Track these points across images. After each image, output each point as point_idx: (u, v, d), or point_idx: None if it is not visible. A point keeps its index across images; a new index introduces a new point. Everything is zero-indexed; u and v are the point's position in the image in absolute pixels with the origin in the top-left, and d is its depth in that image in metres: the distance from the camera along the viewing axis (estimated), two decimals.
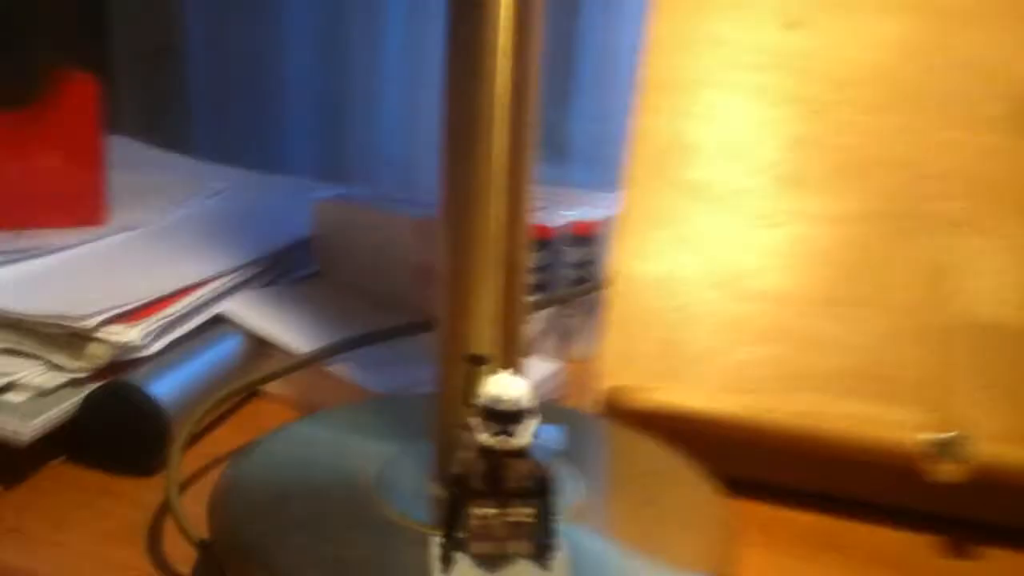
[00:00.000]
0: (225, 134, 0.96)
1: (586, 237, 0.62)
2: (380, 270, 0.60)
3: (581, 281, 0.62)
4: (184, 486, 0.44)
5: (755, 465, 0.47)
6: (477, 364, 0.33)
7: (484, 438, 0.30)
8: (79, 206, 0.63)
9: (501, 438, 0.30)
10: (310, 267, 0.64)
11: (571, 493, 0.38)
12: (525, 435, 0.31)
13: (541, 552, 0.32)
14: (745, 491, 0.46)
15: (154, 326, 0.48)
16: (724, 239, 0.51)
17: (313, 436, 0.42)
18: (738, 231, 0.51)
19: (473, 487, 0.31)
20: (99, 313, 0.46)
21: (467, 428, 0.31)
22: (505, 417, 0.30)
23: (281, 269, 0.62)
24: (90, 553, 0.40)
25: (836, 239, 0.51)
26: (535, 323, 0.61)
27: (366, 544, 0.34)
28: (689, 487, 0.40)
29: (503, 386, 0.30)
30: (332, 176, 0.94)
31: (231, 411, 0.52)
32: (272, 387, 0.54)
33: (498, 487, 0.31)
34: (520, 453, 0.31)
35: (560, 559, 0.32)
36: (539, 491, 0.31)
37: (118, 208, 0.64)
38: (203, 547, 0.37)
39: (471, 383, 0.32)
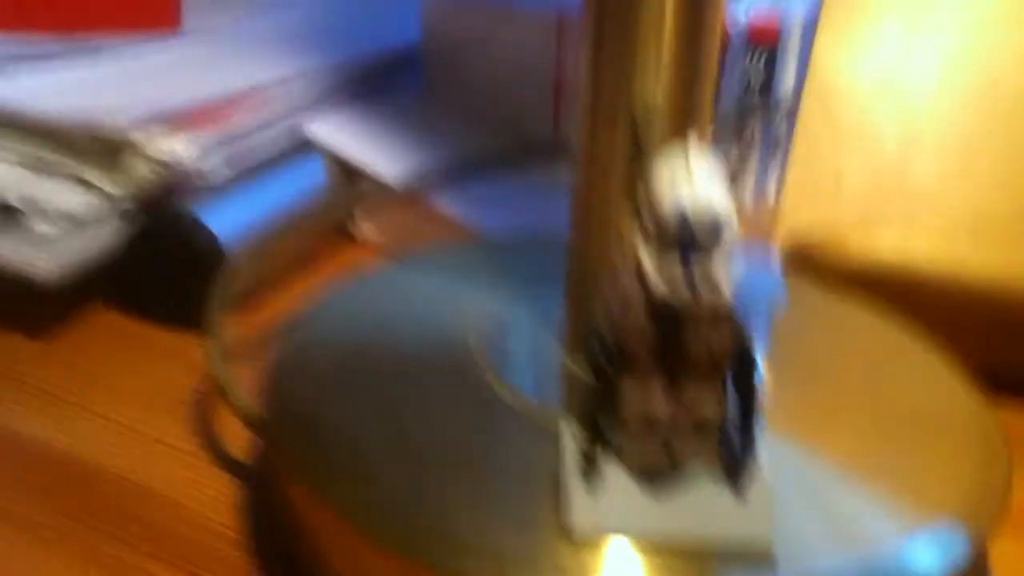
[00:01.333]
0: None
1: (767, 45, 0.48)
2: (505, 85, 0.48)
3: (757, 107, 0.49)
4: (244, 347, 0.34)
5: (1010, 350, 0.34)
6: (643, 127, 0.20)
7: (660, 285, 0.19)
8: (151, 7, 0.53)
9: (690, 288, 0.19)
10: (418, 83, 0.52)
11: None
12: (725, 287, 0.19)
13: (734, 468, 0.20)
14: (1007, 387, 0.33)
15: (214, 140, 0.38)
16: (982, 23, 0.36)
17: (403, 285, 0.31)
18: (1007, 12, 0.36)
19: (633, 361, 0.20)
20: (140, 117, 0.36)
21: (630, 252, 0.20)
22: (694, 245, 0.18)
23: (382, 83, 0.51)
24: (121, 423, 0.31)
25: None
26: None
27: (470, 436, 0.23)
28: (929, 380, 0.27)
29: (695, 189, 0.18)
30: None
31: (311, 258, 0.42)
32: (365, 228, 0.44)
33: (674, 365, 0.20)
34: (715, 314, 0.19)
35: (760, 485, 0.20)
36: (736, 375, 0.20)
37: (194, 12, 0.54)
38: (256, 428, 0.27)
39: (638, 158, 0.20)
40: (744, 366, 0.20)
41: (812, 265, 0.35)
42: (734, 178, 0.50)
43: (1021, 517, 0.28)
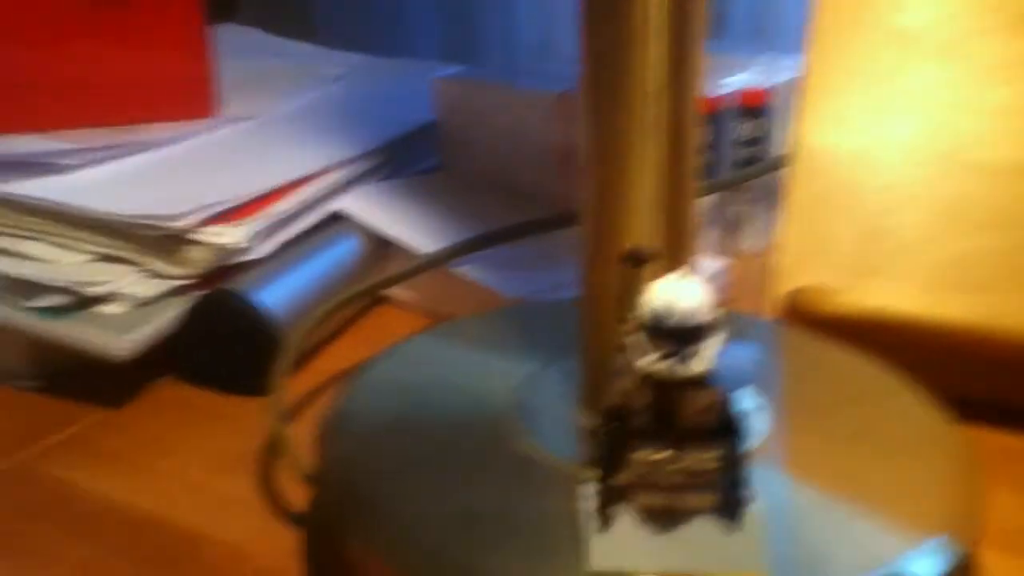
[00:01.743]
0: (346, 18, 0.89)
1: (757, 108, 0.52)
2: (513, 157, 0.53)
3: (751, 162, 0.53)
4: (298, 408, 0.38)
5: (984, 382, 0.37)
6: (638, 263, 0.25)
7: (649, 363, 0.23)
8: (186, 98, 0.57)
9: (672, 362, 0.23)
10: (434, 157, 0.57)
11: (754, 425, 0.30)
12: (704, 358, 0.23)
13: (727, 506, 0.24)
14: (972, 415, 0.36)
15: (261, 225, 0.42)
16: (944, 99, 0.40)
17: (438, 351, 0.35)
18: (963, 88, 0.40)
19: (637, 424, 0.24)
20: (196, 211, 0.41)
21: (625, 349, 0.24)
22: (677, 336, 0.22)
23: (402, 160, 0.55)
24: (193, 483, 0.35)
25: None
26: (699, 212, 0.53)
27: (502, 489, 0.27)
28: (911, 413, 0.31)
29: (673, 294, 0.22)
30: (460, 62, 0.86)
31: (350, 321, 0.46)
32: (396, 292, 0.48)
33: (670, 425, 0.24)
34: (698, 381, 0.23)
35: (752, 516, 0.24)
36: (723, 429, 0.24)
37: (230, 99, 0.59)
38: (312, 482, 0.31)
39: (630, 289, 0.24)
40: (730, 421, 0.23)
41: (807, 317, 0.38)
42: (733, 230, 0.54)
43: (999, 530, 0.31)
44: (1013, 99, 0.40)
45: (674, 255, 0.28)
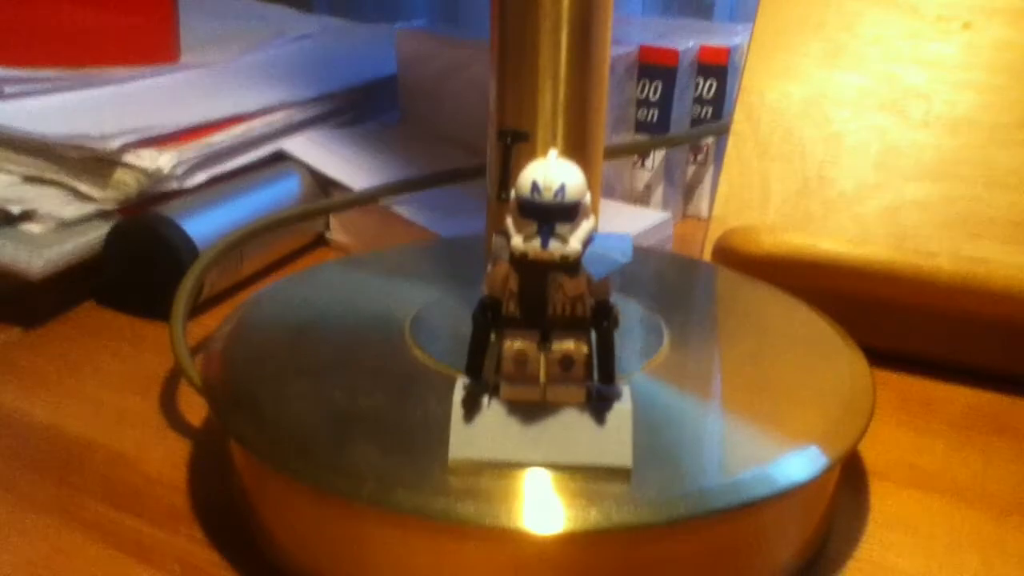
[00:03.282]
0: None
1: (717, 67, 0.51)
2: (471, 110, 0.52)
3: (708, 121, 0.52)
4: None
5: (908, 333, 0.36)
6: (514, 141, 0.24)
7: (518, 242, 0.22)
8: (146, 44, 0.57)
9: (543, 244, 0.22)
10: (395, 111, 0.56)
11: (653, 343, 0.29)
12: (574, 240, 0.22)
13: (596, 402, 0.23)
14: (891, 364, 0.36)
15: (191, 155, 0.42)
16: (892, 50, 0.40)
17: (345, 276, 0.35)
18: (911, 38, 0.40)
19: (504, 312, 0.23)
20: (124, 135, 0.40)
21: (501, 233, 0.23)
22: (547, 213, 0.22)
23: (360, 111, 0.55)
24: (95, 399, 0.34)
25: None
26: (649, 168, 0.52)
27: (382, 391, 0.27)
28: (812, 344, 0.30)
29: (545, 170, 0.22)
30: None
31: (288, 261, 0.46)
32: (337, 235, 0.48)
33: (538, 312, 0.23)
34: (568, 265, 0.22)
35: (619, 412, 0.23)
36: (595, 318, 0.23)
37: (193, 50, 0.58)
38: (202, 392, 0.30)
39: (507, 171, 0.23)
40: (601, 312, 0.23)
41: (735, 257, 0.37)
42: (690, 190, 0.53)
43: (897, 464, 0.31)
44: (955, 52, 0.39)
45: (582, 156, 0.27)
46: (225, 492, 0.29)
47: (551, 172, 0.22)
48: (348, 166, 0.47)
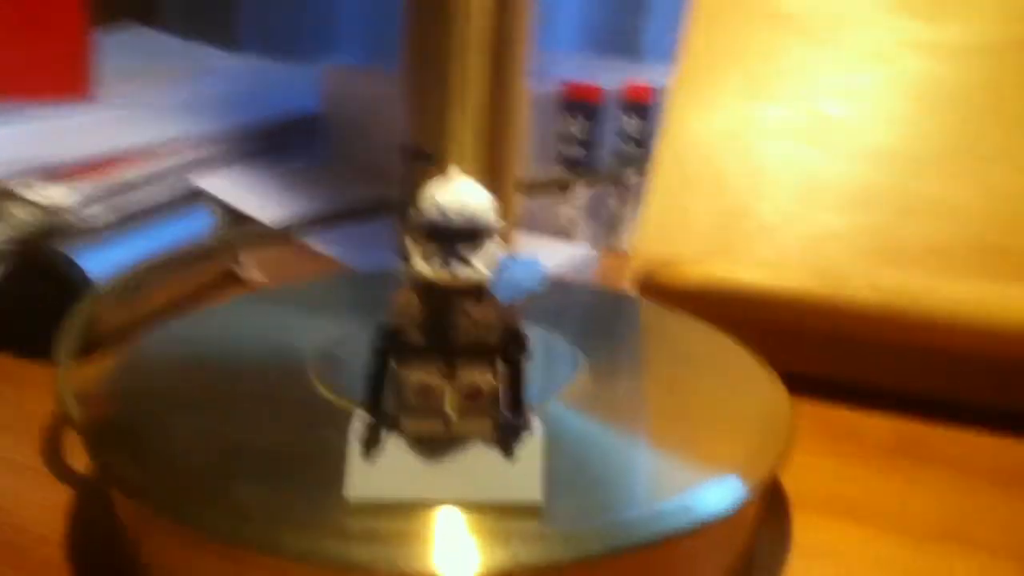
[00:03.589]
0: (270, 28, 0.87)
1: (643, 105, 0.51)
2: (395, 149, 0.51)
3: (633, 159, 0.52)
4: None
5: (831, 360, 0.36)
6: (418, 162, 0.23)
7: (422, 267, 0.21)
8: (60, 79, 0.55)
9: (447, 267, 0.21)
10: (320, 148, 0.55)
11: (569, 372, 0.28)
12: (480, 264, 0.21)
13: (504, 434, 0.22)
14: (811, 391, 0.35)
15: (95, 189, 0.40)
16: (814, 82, 0.40)
17: (250, 311, 0.33)
18: (833, 71, 0.40)
19: (408, 341, 0.22)
20: (22, 166, 0.38)
21: (405, 259, 0.22)
22: (450, 234, 0.20)
23: (285, 149, 0.54)
24: None
25: (961, 77, 0.39)
26: (574, 203, 0.51)
27: (278, 426, 0.25)
28: (732, 374, 0.29)
29: (452, 192, 0.20)
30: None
31: (197, 299, 0.44)
32: (250, 272, 0.46)
33: (444, 341, 0.21)
34: (476, 292, 0.21)
35: (528, 444, 0.22)
36: (504, 348, 0.22)
37: (108, 86, 0.56)
38: (84, 433, 0.28)
39: (410, 191, 0.22)
40: (510, 340, 0.21)
41: (656, 290, 0.37)
42: (615, 223, 0.53)
43: (818, 494, 0.30)
44: (879, 84, 0.40)
45: (495, 183, 0.26)
46: (110, 544, 0.26)
47: (454, 192, 0.20)
48: (266, 203, 0.46)
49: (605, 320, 0.34)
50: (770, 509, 0.29)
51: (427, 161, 0.23)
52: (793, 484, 0.30)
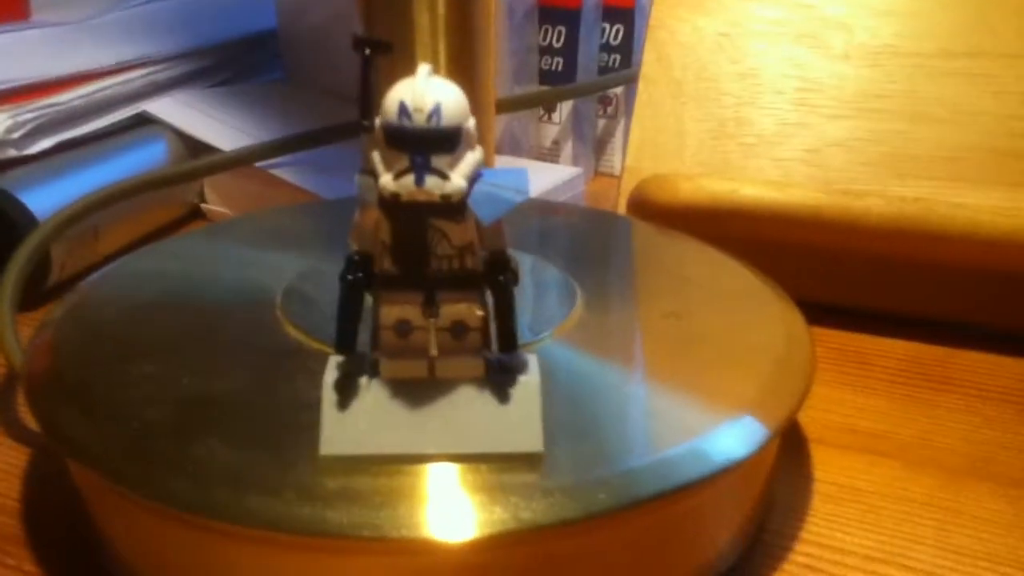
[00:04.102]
0: None
1: (624, 10, 0.48)
2: (353, 65, 0.47)
3: (615, 68, 0.48)
4: None
5: (838, 282, 0.33)
6: (373, 52, 0.20)
7: (386, 181, 0.18)
8: None
9: (414, 179, 0.18)
10: (276, 70, 0.51)
11: (564, 305, 0.25)
12: (456, 175, 0.18)
13: (496, 376, 0.19)
14: (821, 318, 0.33)
15: (30, 115, 0.36)
16: None
17: (214, 245, 0.30)
18: None
19: (377, 270, 0.19)
20: None
21: (366, 172, 0.19)
22: (420, 141, 0.17)
23: (238, 70, 0.50)
24: None
25: None
26: (555, 123, 0.48)
27: (243, 373, 0.22)
28: (740, 300, 0.27)
29: (414, 89, 0.17)
30: None
31: (159, 237, 0.41)
32: (214, 204, 0.43)
33: (417, 267, 0.19)
34: (451, 207, 0.18)
35: (525, 386, 0.19)
36: (489, 273, 0.19)
37: (44, 8, 0.52)
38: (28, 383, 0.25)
39: (368, 91, 0.19)
40: (496, 264, 0.19)
41: (651, 208, 0.34)
42: (601, 145, 0.50)
43: (834, 426, 0.28)
44: None
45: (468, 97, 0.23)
46: (66, 508, 0.24)
47: (422, 90, 0.17)
48: (221, 128, 0.42)
49: (597, 245, 0.32)
50: (786, 447, 0.27)
51: (383, 50, 0.20)
52: (809, 417, 0.28)
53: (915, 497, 0.25)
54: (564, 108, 0.48)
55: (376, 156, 0.18)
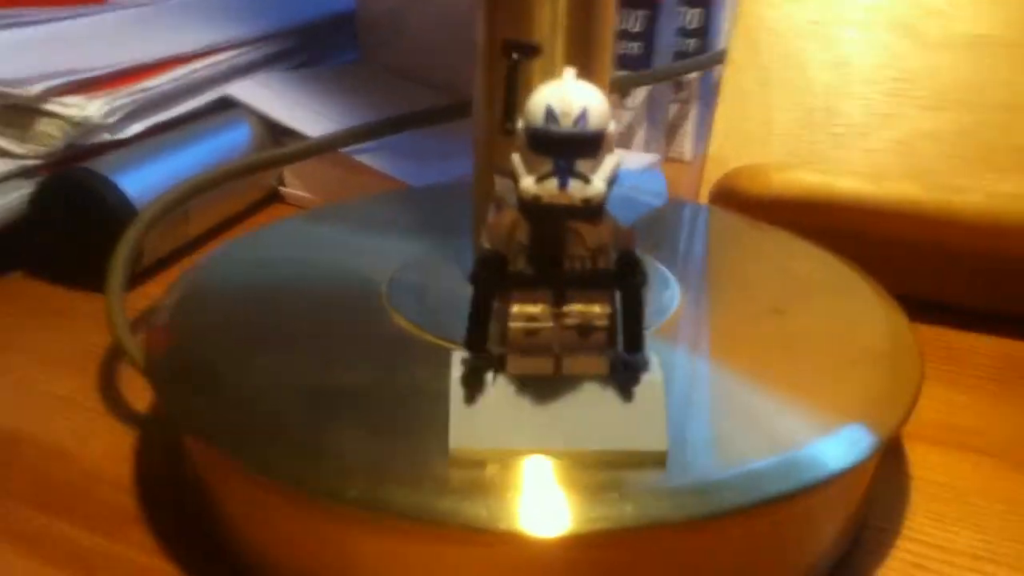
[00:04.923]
0: None
1: None
2: (437, 47, 0.47)
3: (692, 53, 0.48)
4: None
5: (933, 278, 0.33)
6: (522, 56, 0.20)
7: (528, 184, 0.18)
8: None
9: (557, 182, 0.18)
10: (354, 51, 0.52)
11: (665, 301, 0.25)
12: (598, 179, 0.18)
13: (622, 375, 0.20)
14: (915, 313, 0.32)
15: (124, 101, 0.37)
16: None
17: (310, 232, 0.30)
18: None
19: (514, 271, 0.19)
20: (46, 79, 0.35)
21: (504, 174, 0.19)
22: (564, 146, 0.18)
23: (315, 52, 0.50)
24: (24, 384, 0.30)
25: None
26: (630, 108, 0.48)
27: (363, 366, 0.23)
28: (845, 298, 0.27)
29: (561, 93, 0.18)
30: None
31: (240, 219, 0.41)
32: (292, 190, 0.43)
33: (553, 269, 0.19)
34: (590, 210, 0.18)
35: (649, 385, 0.19)
36: (619, 274, 0.19)
37: None
38: (148, 370, 0.26)
39: (513, 95, 0.19)
40: (627, 266, 0.19)
41: (739, 200, 0.34)
42: (672, 131, 0.50)
43: (928, 423, 0.28)
44: None
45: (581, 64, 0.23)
46: (181, 490, 0.25)
47: (569, 95, 0.17)
48: (303, 111, 0.43)
49: (688, 237, 0.32)
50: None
51: (533, 53, 0.20)
52: None
53: (1017, 497, 0.25)
54: (639, 92, 0.48)
55: (516, 158, 0.18)
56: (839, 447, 0.20)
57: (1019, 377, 0.31)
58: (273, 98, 0.43)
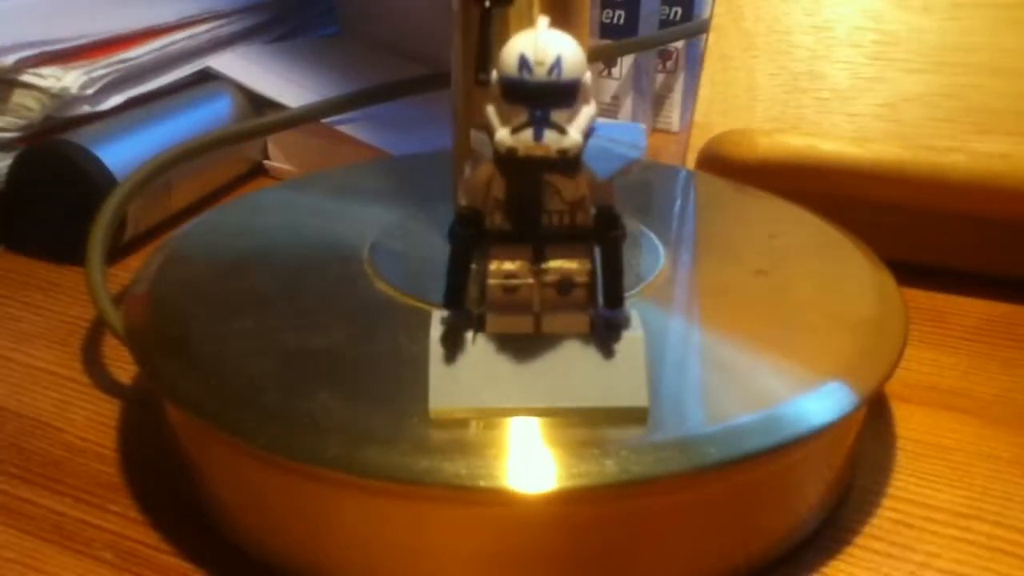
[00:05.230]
0: None
1: None
2: (417, 19, 0.47)
3: (676, 21, 0.48)
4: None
5: (917, 240, 0.33)
6: (494, 5, 0.19)
7: (503, 136, 0.18)
8: None
9: (533, 133, 0.17)
10: (334, 24, 0.51)
11: (650, 262, 0.25)
12: (574, 130, 0.18)
13: (602, 332, 0.19)
14: (899, 276, 0.32)
15: (102, 72, 0.36)
16: None
17: (291, 201, 0.30)
18: None
19: (488, 225, 0.19)
20: (20, 49, 0.35)
21: (480, 127, 0.19)
22: (539, 95, 0.17)
23: (295, 24, 0.49)
24: (4, 357, 0.29)
25: None
26: (615, 78, 0.48)
27: (341, 328, 0.22)
28: (831, 260, 0.27)
29: (535, 42, 0.17)
30: None
31: (225, 193, 0.41)
32: (278, 161, 0.43)
33: (531, 223, 0.19)
34: (567, 162, 0.18)
35: (630, 341, 0.19)
36: (598, 229, 0.19)
37: None
38: (128, 338, 0.26)
39: (486, 45, 0.19)
40: (605, 220, 0.19)
41: (725, 164, 0.34)
42: (659, 101, 0.49)
43: (912, 384, 0.28)
44: None
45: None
46: (164, 459, 0.24)
47: (543, 43, 0.17)
48: (284, 83, 0.42)
49: (674, 201, 0.31)
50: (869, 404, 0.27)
51: (505, 3, 0.19)
52: None
53: (1001, 455, 0.25)
54: (624, 63, 0.47)
55: (491, 110, 0.18)
56: (821, 403, 0.20)
57: (1004, 338, 0.31)
58: (254, 70, 0.43)
